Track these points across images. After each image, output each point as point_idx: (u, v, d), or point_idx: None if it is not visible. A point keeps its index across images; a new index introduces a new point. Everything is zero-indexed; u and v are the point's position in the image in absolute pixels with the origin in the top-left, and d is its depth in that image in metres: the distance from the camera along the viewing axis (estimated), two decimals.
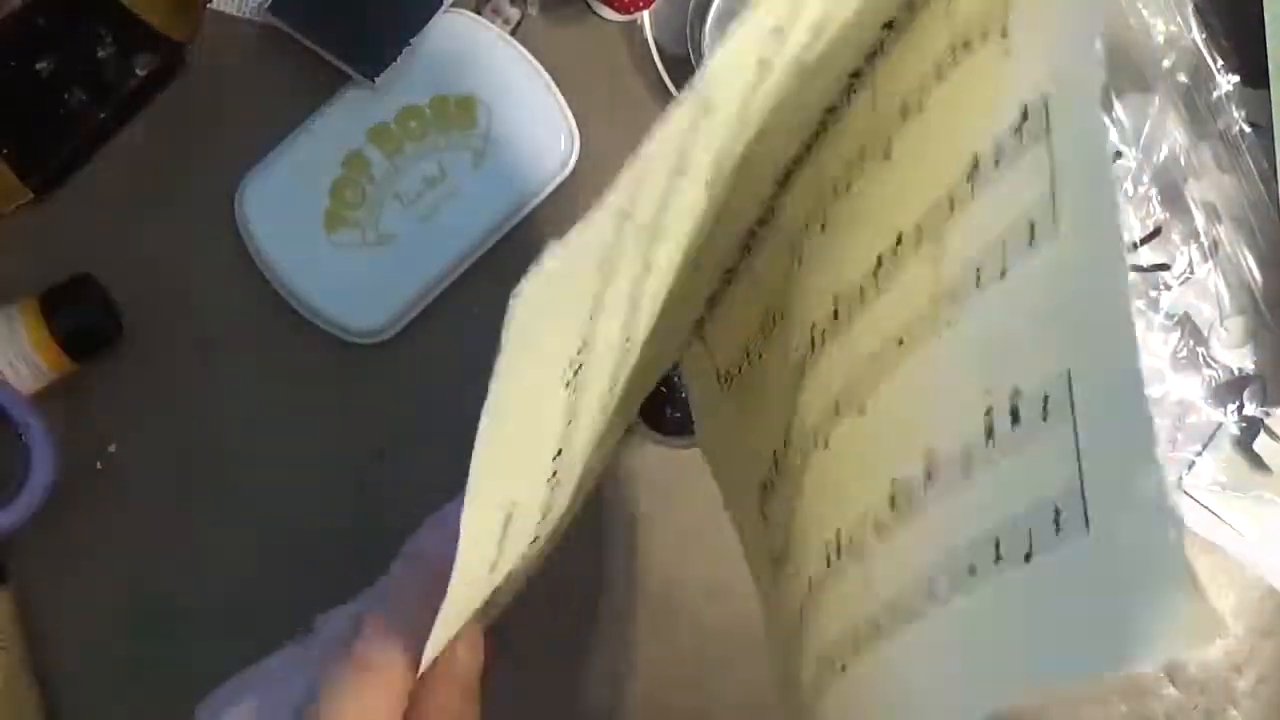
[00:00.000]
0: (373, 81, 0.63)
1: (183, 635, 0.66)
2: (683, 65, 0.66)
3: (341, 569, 0.66)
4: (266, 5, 0.65)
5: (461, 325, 0.67)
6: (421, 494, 0.66)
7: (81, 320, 0.62)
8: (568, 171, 0.66)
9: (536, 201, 0.66)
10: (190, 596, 0.66)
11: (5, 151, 0.64)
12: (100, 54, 0.65)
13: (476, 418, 0.30)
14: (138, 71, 0.65)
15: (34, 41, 0.65)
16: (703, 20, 0.67)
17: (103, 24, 0.65)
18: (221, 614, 0.66)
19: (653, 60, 0.65)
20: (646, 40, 0.65)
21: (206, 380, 0.66)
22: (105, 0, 0.64)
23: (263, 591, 0.66)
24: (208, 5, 0.64)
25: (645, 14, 0.65)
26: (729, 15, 0.68)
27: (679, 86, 0.65)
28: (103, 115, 0.65)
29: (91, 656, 0.65)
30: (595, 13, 0.67)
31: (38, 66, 0.65)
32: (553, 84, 0.65)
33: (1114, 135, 0.65)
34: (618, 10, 0.65)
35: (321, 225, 0.64)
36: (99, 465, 0.66)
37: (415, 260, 0.65)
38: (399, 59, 0.63)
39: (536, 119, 0.65)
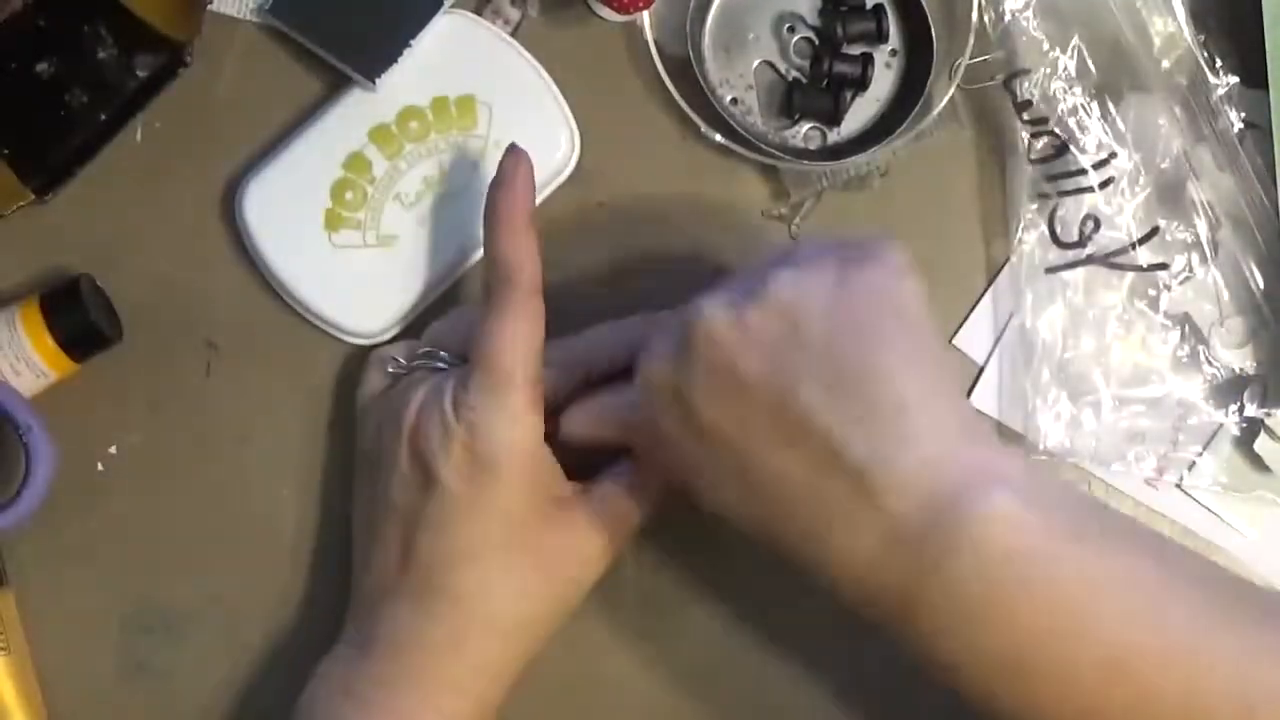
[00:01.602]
0: (373, 82, 0.63)
1: (182, 636, 0.65)
2: (683, 65, 0.66)
3: (341, 570, 0.66)
4: (266, 6, 0.65)
5: None
6: None
7: (82, 321, 0.62)
8: (568, 172, 0.66)
9: (537, 201, 0.66)
10: (190, 597, 0.66)
11: (5, 152, 0.64)
12: (100, 54, 0.65)
13: None
14: (138, 72, 0.65)
15: (34, 42, 0.65)
16: (703, 20, 0.68)
17: (103, 24, 0.65)
18: (221, 614, 0.66)
19: (653, 60, 0.65)
20: (646, 41, 0.65)
21: (207, 381, 0.66)
22: (105, 1, 0.65)
23: (262, 592, 0.66)
24: (208, 6, 0.64)
25: (645, 14, 0.65)
26: (728, 15, 0.68)
27: (679, 87, 0.65)
28: (103, 116, 0.65)
29: (91, 656, 0.65)
30: (595, 13, 0.67)
31: (38, 67, 0.65)
32: (553, 84, 0.65)
33: (1112, 136, 0.66)
34: (618, 10, 0.65)
35: (322, 226, 0.64)
36: (99, 466, 0.66)
37: (416, 261, 0.65)
38: (399, 59, 0.63)
39: (537, 119, 0.65)
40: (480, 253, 0.66)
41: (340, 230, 0.64)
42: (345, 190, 0.65)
